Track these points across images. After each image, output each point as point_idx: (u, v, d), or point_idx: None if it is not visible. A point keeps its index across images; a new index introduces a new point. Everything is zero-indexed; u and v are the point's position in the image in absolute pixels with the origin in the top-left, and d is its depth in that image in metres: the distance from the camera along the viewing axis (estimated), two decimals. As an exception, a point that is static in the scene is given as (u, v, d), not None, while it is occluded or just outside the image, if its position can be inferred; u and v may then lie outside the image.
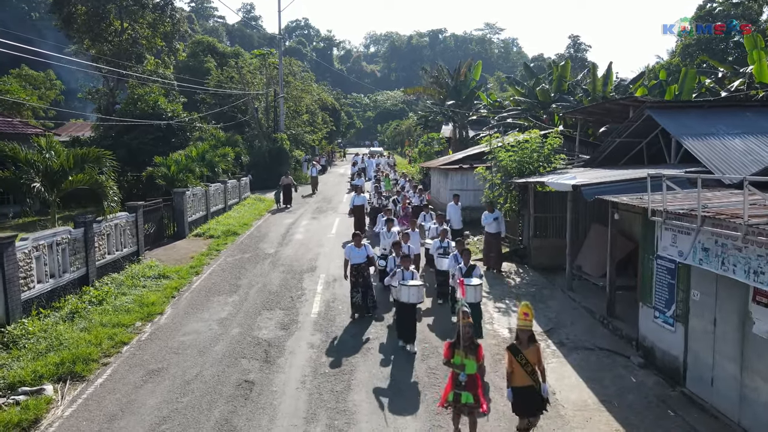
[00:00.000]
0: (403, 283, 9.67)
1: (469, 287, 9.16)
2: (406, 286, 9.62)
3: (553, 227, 15.56)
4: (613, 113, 18.24)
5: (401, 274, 9.91)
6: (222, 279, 14.65)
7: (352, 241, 11.69)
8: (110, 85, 38.02)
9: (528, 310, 6.50)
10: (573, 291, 12.75)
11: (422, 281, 10.26)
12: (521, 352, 6.40)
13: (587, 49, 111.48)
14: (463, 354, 6.46)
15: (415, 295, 9.66)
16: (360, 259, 11.30)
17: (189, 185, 20.92)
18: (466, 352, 6.47)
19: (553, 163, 16.11)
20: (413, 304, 9.74)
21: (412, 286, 9.62)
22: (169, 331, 10.92)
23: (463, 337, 6.49)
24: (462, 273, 9.95)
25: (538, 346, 6.57)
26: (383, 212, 15.85)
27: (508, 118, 34.39)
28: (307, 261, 16.46)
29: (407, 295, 9.60)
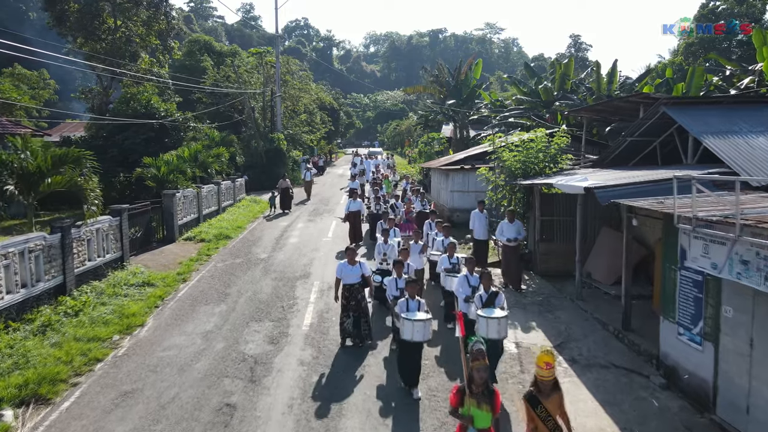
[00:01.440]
0: (408, 317, 7.91)
1: (491, 320, 7.73)
2: (410, 320, 7.87)
3: (559, 231, 14.74)
4: (622, 111, 17.44)
5: (405, 303, 8.17)
6: (210, 286, 13.83)
7: (345, 256, 10.07)
8: (104, 84, 37.23)
9: (550, 359, 5.43)
10: (583, 300, 11.93)
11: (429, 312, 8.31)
12: (541, 403, 5.41)
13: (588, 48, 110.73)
14: (474, 403, 5.26)
15: (421, 332, 7.86)
16: (354, 278, 9.73)
17: (179, 187, 20.10)
18: (478, 400, 5.27)
19: (560, 164, 15.30)
20: (419, 342, 8.06)
21: (417, 321, 7.84)
22: (148, 345, 10.11)
23: (475, 383, 5.30)
24: (482, 301, 8.20)
25: (562, 394, 5.57)
26: (384, 220, 14.36)
27: (509, 117, 33.63)
28: (301, 267, 15.64)
29: (411, 332, 7.83)
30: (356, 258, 10.00)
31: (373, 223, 17.78)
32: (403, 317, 7.92)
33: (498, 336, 7.82)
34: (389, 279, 9.63)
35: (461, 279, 9.25)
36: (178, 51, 41.24)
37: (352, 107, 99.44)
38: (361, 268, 9.82)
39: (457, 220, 21.02)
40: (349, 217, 18.24)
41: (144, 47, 38.20)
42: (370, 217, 18.49)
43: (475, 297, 8.35)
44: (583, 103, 28.48)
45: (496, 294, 8.31)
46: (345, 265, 9.82)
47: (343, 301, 9.72)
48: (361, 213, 18.51)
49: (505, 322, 7.91)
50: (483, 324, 7.79)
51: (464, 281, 9.14)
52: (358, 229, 18.36)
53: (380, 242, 12.04)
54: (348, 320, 9.70)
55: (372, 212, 18.50)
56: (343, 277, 9.72)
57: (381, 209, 18.10)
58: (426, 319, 7.91)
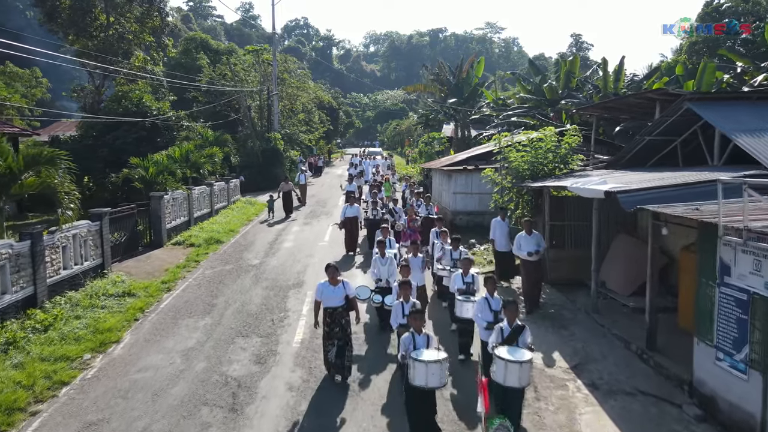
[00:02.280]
0: (417, 357, 6.32)
1: (512, 364, 6.26)
2: (422, 362, 6.27)
3: (570, 237, 13.77)
4: (635, 109, 16.51)
5: (410, 339, 6.63)
6: (196, 297, 12.87)
7: (326, 276, 8.50)
8: (96, 82, 36.28)
9: None
10: (599, 313, 10.96)
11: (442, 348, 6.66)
12: None
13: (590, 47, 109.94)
14: None
15: (437, 376, 6.26)
16: (337, 301, 8.30)
17: (168, 188, 19.13)
18: None
19: (571, 164, 14.34)
20: (433, 389, 6.42)
21: (432, 363, 6.25)
22: (122, 366, 9.14)
23: None
24: (503, 336, 6.79)
25: None
26: (382, 229, 12.81)
27: (513, 116, 32.72)
28: (294, 274, 14.68)
29: (425, 377, 6.21)
30: (339, 277, 8.52)
31: (371, 230, 16.36)
32: (412, 358, 6.37)
33: (518, 384, 6.34)
34: (395, 304, 8.26)
35: (480, 303, 7.90)
36: (173, 49, 40.24)
37: (352, 107, 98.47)
38: (344, 289, 8.37)
39: (460, 223, 20.12)
40: (346, 224, 16.74)
41: (138, 45, 37.25)
42: (368, 223, 16.97)
43: (495, 330, 6.92)
44: (589, 102, 27.57)
45: (521, 329, 6.82)
46: (325, 286, 8.37)
47: (326, 327, 8.33)
48: (359, 219, 17.02)
49: (529, 367, 6.42)
50: (501, 368, 6.35)
51: (484, 305, 7.79)
52: (355, 236, 17.02)
53: (376, 257, 10.58)
54: (332, 350, 8.27)
55: (369, 218, 17.03)
56: (324, 300, 8.34)
57: (379, 215, 16.72)
58: (441, 359, 6.34)
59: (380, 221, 15.72)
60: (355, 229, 16.92)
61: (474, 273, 9.33)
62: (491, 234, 13.56)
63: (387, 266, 10.27)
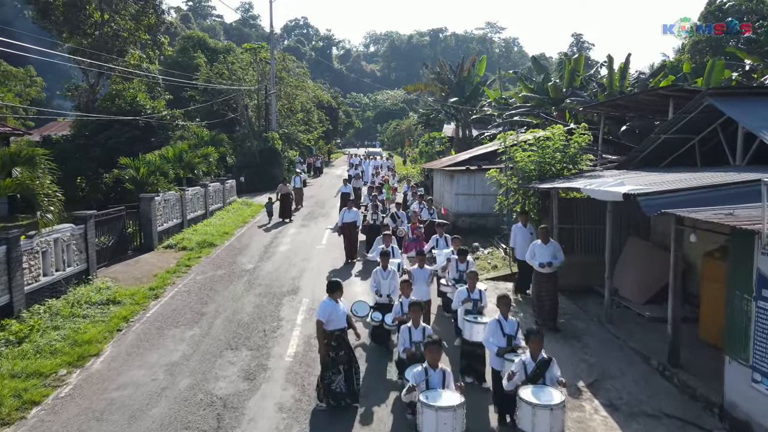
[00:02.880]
0: (426, 402, 5.40)
1: (541, 410, 5.30)
2: (430, 407, 5.34)
3: (579, 241, 13.07)
4: (646, 107, 15.82)
5: (422, 375, 5.69)
6: (185, 304, 12.16)
7: (329, 293, 7.44)
8: (90, 81, 35.61)
9: None
10: (613, 323, 10.26)
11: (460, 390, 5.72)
12: None
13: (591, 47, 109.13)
14: None
15: (449, 427, 5.29)
16: (343, 322, 7.38)
17: (160, 189, 18.43)
18: None
19: (580, 165, 13.64)
20: None
21: (444, 411, 5.30)
22: (99, 382, 8.44)
23: None
24: (527, 373, 5.79)
25: None
26: (384, 236, 11.69)
27: (515, 115, 32.07)
28: (290, 280, 13.98)
29: (434, 427, 5.30)
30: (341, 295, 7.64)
31: (370, 236, 15.15)
32: (421, 401, 5.41)
33: None
34: (403, 328, 7.25)
35: (492, 326, 6.99)
36: (169, 47, 39.52)
37: (352, 107, 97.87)
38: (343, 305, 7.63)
39: (462, 225, 19.42)
40: (344, 230, 15.56)
41: (133, 43, 36.58)
42: (367, 229, 15.74)
43: (516, 366, 5.88)
44: (594, 100, 26.91)
45: (547, 363, 5.83)
46: (331, 305, 7.30)
47: (330, 353, 7.22)
48: (357, 224, 15.71)
49: (561, 412, 5.40)
50: (527, 415, 5.38)
51: (496, 328, 6.90)
52: (354, 243, 15.75)
53: (378, 269, 9.45)
54: (338, 378, 7.18)
55: (369, 223, 15.84)
56: (330, 321, 7.19)
57: (379, 219, 15.66)
58: (456, 405, 5.35)
59: (381, 227, 14.81)
60: (354, 235, 15.74)
61: (481, 289, 8.33)
62: (511, 241, 12.48)
63: (389, 280, 9.25)
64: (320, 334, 7.30)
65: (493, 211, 19.75)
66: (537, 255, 10.33)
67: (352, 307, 8.77)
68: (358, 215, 15.87)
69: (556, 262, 10.20)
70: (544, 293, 10.32)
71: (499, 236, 18.05)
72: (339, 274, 13.66)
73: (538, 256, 10.30)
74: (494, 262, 15.14)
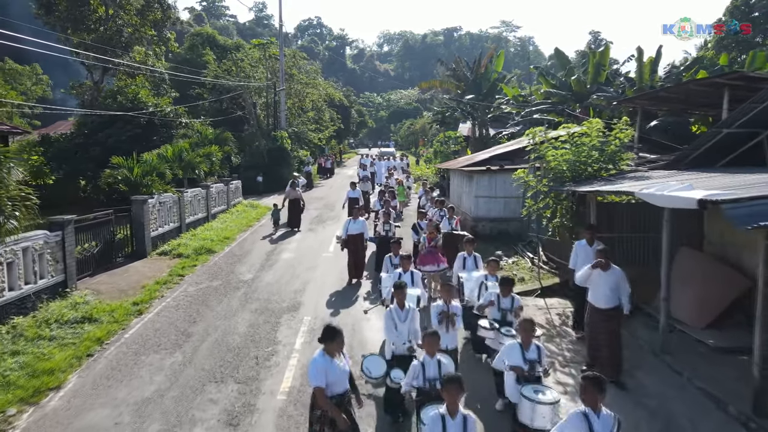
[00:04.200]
0: None
1: None
2: None
3: (622, 251, 11.40)
4: (693, 99, 14.10)
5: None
6: (170, 323, 10.71)
7: (324, 344, 5.40)
8: (94, 78, 34.50)
9: None
10: (671, 354, 8.59)
11: None
12: None
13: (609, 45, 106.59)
14: None
15: None
16: (344, 384, 5.47)
17: (154, 191, 17.06)
18: None
19: (620, 164, 11.97)
20: None
21: None
22: (52, 426, 6.99)
23: None
24: None
25: None
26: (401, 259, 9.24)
27: (535, 112, 30.39)
28: (291, 294, 12.47)
29: None
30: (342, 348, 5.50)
31: (380, 250, 12.73)
32: None
33: None
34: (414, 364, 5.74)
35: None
36: (175, 43, 38.29)
37: (365, 106, 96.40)
38: (345, 361, 5.55)
39: (483, 231, 17.77)
40: (349, 243, 12.97)
41: (138, 39, 35.41)
42: (378, 241, 13.35)
43: None
44: (622, 96, 25.16)
45: None
46: (328, 363, 5.29)
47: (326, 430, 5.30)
48: (365, 236, 13.20)
49: None
50: None
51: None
52: (361, 259, 13.26)
53: (391, 310, 6.86)
54: None
55: (379, 234, 13.37)
56: (330, 385, 5.29)
57: (392, 230, 13.24)
58: None
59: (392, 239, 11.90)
60: (361, 250, 13.20)
61: (539, 344, 6.25)
62: (571, 262, 9.58)
63: (407, 323, 6.78)
64: (325, 403, 5.22)
65: (516, 215, 18.15)
66: (594, 287, 7.86)
67: (363, 365, 6.68)
68: (366, 226, 13.38)
69: (623, 301, 7.68)
70: (603, 336, 7.81)
71: (524, 243, 16.41)
72: (341, 300, 11.94)
73: (594, 290, 7.84)
74: (520, 273, 13.50)
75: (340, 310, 11.36)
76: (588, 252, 9.20)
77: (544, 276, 12.88)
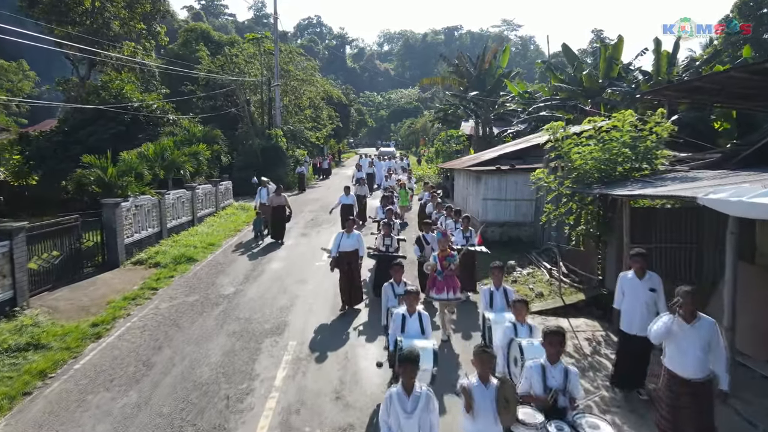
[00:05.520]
0: None
1: None
2: None
3: (662, 266, 9.81)
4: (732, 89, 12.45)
5: None
6: (132, 349, 9.11)
7: None
8: (80, 73, 32.94)
9: None
10: (736, 397, 6.98)
11: None
12: None
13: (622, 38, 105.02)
14: None
15: None
16: None
17: (131, 193, 15.46)
18: None
19: (656, 163, 10.38)
20: None
21: None
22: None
23: None
24: None
25: None
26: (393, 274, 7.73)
27: (543, 109, 28.86)
28: (276, 312, 10.86)
29: None
30: None
31: (380, 270, 10.54)
32: None
33: None
34: None
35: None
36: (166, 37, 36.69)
37: (365, 106, 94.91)
38: None
39: (492, 237, 16.14)
40: (341, 262, 10.49)
41: (127, 32, 33.83)
42: (377, 259, 11.01)
43: None
44: (636, 91, 23.61)
45: None
46: None
47: None
48: (360, 253, 10.64)
49: None
50: None
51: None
52: (356, 282, 10.74)
53: (393, 394, 4.54)
54: None
55: (381, 251, 10.85)
56: None
57: (394, 245, 10.83)
58: None
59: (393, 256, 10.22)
60: (355, 270, 10.70)
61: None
62: (616, 300, 7.12)
63: (417, 416, 4.46)
64: None
65: (528, 219, 16.62)
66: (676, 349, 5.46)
67: None
68: (361, 241, 10.70)
69: (719, 369, 5.33)
70: (687, 414, 5.44)
71: (539, 251, 14.80)
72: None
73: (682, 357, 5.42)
74: (537, 287, 11.88)
75: (332, 333, 9.76)
76: (637, 288, 6.80)
77: (565, 291, 11.27)
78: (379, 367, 7.71)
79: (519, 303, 6.15)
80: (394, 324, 6.42)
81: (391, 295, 7.60)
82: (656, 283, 6.86)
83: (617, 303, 7.13)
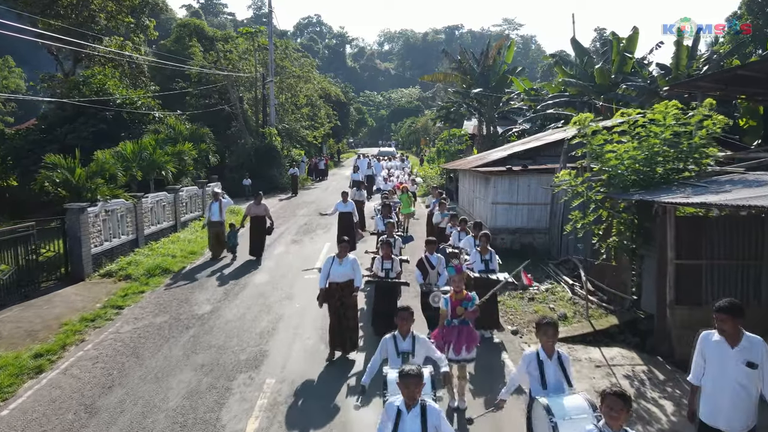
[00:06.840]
0: None
1: None
2: None
3: (710, 284, 8.21)
4: None
5: None
6: (76, 389, 7.51)
7: None
8: (65, 69, 31.36)
9: None
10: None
11: None
12: None
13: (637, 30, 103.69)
14: None
15: None
16: None
17: (100, 197, 13.88)
18: None
19: (703, 163, 8.79)
20: None
21: None
22: None
23: None
24: None
25: None
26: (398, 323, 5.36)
27: (551, 107, 27.34)
28: (255, 338, 9.26)
29: None
30: None
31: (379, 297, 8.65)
32: None
33: None
34: None
35: None
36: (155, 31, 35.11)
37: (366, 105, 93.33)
38: None
39: (501, 245, 14.47)
40: (330, 296, 8.12)
41: (115, 27, 32.24)
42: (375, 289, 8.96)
43: None
44: (653, 86, 22.08)
45: None
46: None
47: None
48: (356, 283, 8.15)
49: None
50: None
51: None
52: (351, 323, 8.23)
53: None
54: None
55: (380, 277, 8.66)
56: None
57: (394, 269, 8.56)
58: None
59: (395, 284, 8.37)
60: (349, 307, 8.21)
61: None
62: (693, 372, 4.64)
63: None
64: None
65: (542, 225, 15.02)
66: None
67: None
68: (356, 267, 8.19)
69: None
70: None
71: (556, 262, 13.20)
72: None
73: None
74: (559, 306, 10.28)
75: (318, 365, 8.14)
76: (727, 360, 4.36)
77: (593, 312, 9.66)
78: None
79: (612, 397, 3.64)
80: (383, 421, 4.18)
81: (393, 352, 5.31)
82: (759, 353, 4.29)
83: (695, 377, 4.63)
